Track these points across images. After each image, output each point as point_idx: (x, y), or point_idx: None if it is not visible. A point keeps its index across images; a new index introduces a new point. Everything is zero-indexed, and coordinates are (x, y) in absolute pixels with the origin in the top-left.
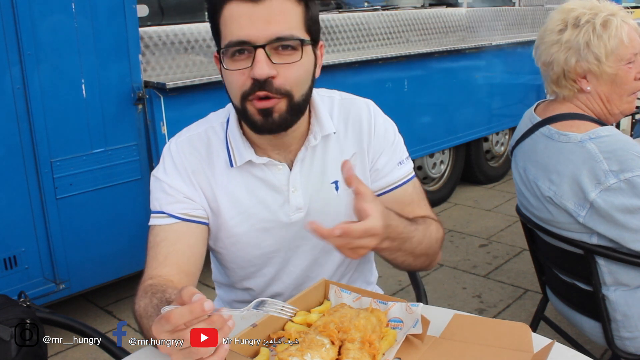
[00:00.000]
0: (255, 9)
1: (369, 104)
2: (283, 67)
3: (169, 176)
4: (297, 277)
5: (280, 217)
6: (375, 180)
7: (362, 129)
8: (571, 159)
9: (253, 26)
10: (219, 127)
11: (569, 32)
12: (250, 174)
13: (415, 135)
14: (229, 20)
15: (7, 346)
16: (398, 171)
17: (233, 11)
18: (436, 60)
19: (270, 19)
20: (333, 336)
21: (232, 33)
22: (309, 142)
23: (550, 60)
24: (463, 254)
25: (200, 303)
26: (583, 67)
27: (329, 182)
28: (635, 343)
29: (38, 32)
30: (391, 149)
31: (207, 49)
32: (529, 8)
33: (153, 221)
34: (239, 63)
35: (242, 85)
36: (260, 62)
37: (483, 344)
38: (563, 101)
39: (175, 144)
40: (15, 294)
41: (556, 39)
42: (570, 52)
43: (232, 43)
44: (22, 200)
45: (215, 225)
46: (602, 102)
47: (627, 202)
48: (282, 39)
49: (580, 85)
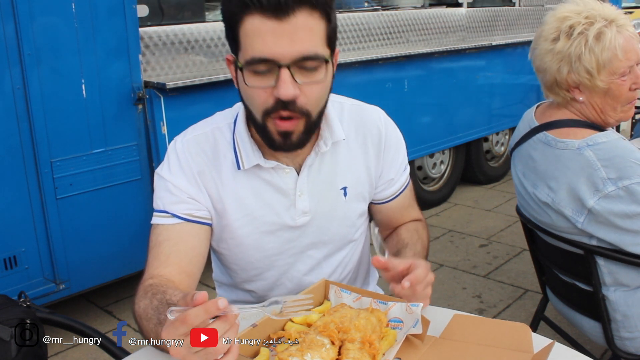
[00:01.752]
0: (280, 26)
1: (380, 112)
2: (306, 86)
3: (173, 175)
4: (299, 282)
5: (286, 221)
6: (387, 188)
7: (372, 137)
8: (569, 166)
9: (277, 44)
10: (226, 128)
11: (562, 42)
12: (258, 177)
13: (415, 135)
14: (251, 34)
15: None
16: (403, 177)
17: (256, 26)
18: (436, 60)
19: (295, 36)
20: (333, 336)
21: (254, 49)
22: (319, 148)
23: (544, 67)
24: (463, 254)
25: (215, 302)
26: (574, 79)
27: (337, 188)
28: (635, 343)
29: (38, 32)
30: (401, 158)
31: (207, 49)
32: (529, 8)
33: (156, 220)
34: (261, 80)
35: (264, 102)
36: (285, 82)
37: (483, 344)
38: (559, 107)
39: (181, 143)
40: (15, 294)
41: (549, 48)
42: (563, 62)
43: (255, 60)
44: (22, 200)
45: (220, 226)
46: (595, 112)
47: (626, 209)
48: (307, 58)
49: (573, 95)
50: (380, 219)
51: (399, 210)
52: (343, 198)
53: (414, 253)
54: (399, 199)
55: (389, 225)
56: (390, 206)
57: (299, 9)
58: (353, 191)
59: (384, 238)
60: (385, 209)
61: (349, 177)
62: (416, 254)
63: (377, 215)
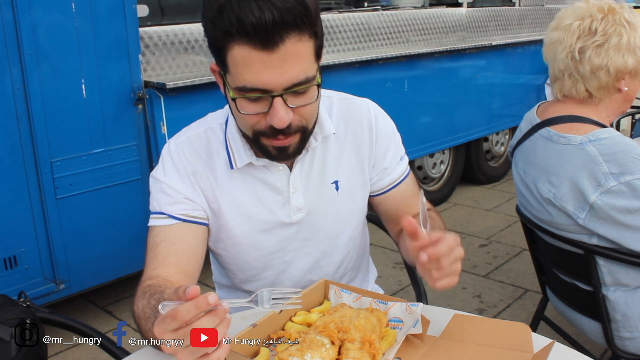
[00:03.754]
0: (270, 57)
1: (368, 103)
2: (299, 108)
3: (168, 177)
4: (298, 280)
5: (281, 218)
6: (382, 178)
7: (362, 129)
8: (571, 161)
9: (268, 74)
10: (218, 128)
11: (626, 33)
12: (251, 175)
13: (415, 135)
14: (240, 62)
15: (7, 346)
16: (400, 167)
17: (245, 55)
18: (436, 60)
19: (285, 66)
20: (333, 336)
21: (244, 78)
22: (309, 143)
23: (604, 64)
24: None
25: (205, 297)
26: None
27: (329, 182)
28: (635, 343)
29: (38, 32)
30: (394, 147)
31: (207, 49)
32: (529, 8)
33: (152, 222)
34: (254, 106)
35: (255, 124)
36: (279, 111)
37: (483, 344)
38: (563, 102)
39: (175, 144)
40: (15, 294)
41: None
42: (628, 53)
43: (246, 89)
44: (22, 200)
45: (216, 226)
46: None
47: (627, 204)
48: (299, 84)
49: (619, 86)
50: (385, 211)
51: (402, 200)
52: (335, 192)
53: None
54: (400, 188)
55: (396, 217)
56: (392, 196)
57: (287, 36)
58: (345, 185)
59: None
60: (385, 199)
61: (340, 171)
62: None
63: (380, 207)
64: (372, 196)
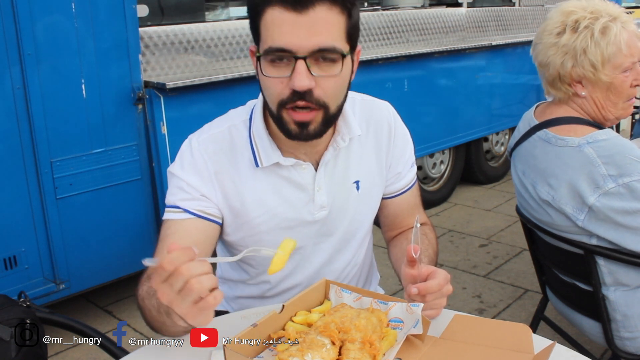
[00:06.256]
0: (299, 18)
1: (390, 107)
2: (322, 79)
3: (186, 173)
4: (310, 274)
5: (304, 216)
6: (395, 182)
7: (383, 131)
8: (569, 164)
9: (295, 35)
10: (242, 125)
11: (567, 36)
12: (276, 174)
13: (415, 135)
14: (270, 24)
15: (7, 346)
16: (410, 174)
17: (275, 17)
18: (436, 60)
19: (313, 29)
20: (333, 336)
21: (272, 39)
22: (337, 143)
23: (547, 62)
24: (463, 254)
25: (189, 246)
26: (578, 73)
27: (350, 182)
28: (635, 343)
29: (38, 32)
30: (409, 152)
31: (207, 49)
32: (529, 8)
33: (167, 215)
34: (278, 70)
35: (280, 94)
36: (300, 74)
37: (483, 344)
38: (560, 103)
39: (198, 141)
40: (15, 294)
41: (554, 42)
42: (567, 56)
43: (272, 49)
44: (22, 200)
45: (237, 224)
46: (596, 107)
47: (626, 206)
48: (324, 50)
49: (575, 90)
50: (387, 215)
51: (405, 207)
52: (356, 192)
53: (429, 260)
54: (406, 195)
55: (394, 223)
56: (398, 202)
57: (318, 3)
58: (365, 185)
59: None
60: (392, 204)
61: (361, 171)
62: (430, 260)
63: (383, 210)
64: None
